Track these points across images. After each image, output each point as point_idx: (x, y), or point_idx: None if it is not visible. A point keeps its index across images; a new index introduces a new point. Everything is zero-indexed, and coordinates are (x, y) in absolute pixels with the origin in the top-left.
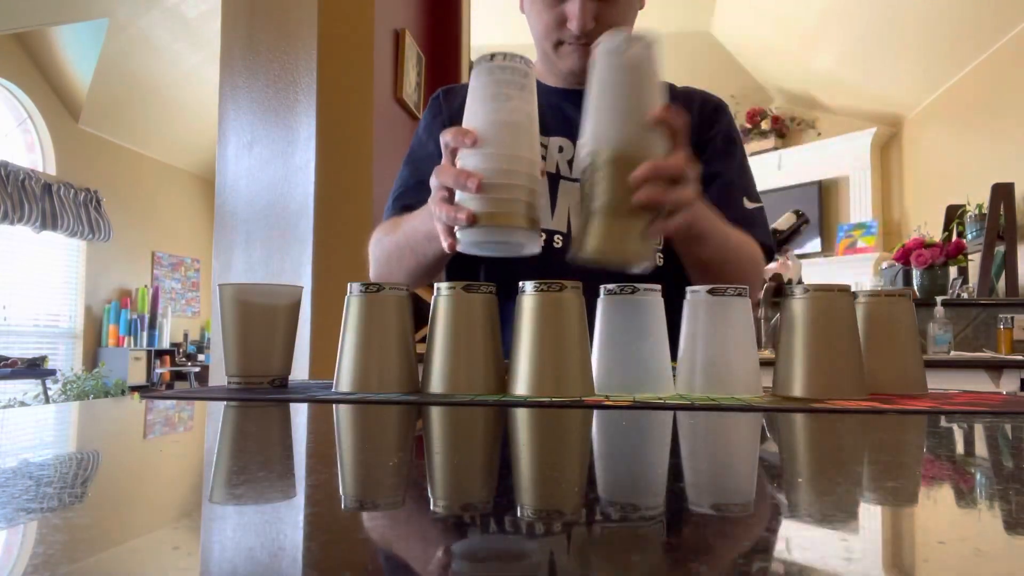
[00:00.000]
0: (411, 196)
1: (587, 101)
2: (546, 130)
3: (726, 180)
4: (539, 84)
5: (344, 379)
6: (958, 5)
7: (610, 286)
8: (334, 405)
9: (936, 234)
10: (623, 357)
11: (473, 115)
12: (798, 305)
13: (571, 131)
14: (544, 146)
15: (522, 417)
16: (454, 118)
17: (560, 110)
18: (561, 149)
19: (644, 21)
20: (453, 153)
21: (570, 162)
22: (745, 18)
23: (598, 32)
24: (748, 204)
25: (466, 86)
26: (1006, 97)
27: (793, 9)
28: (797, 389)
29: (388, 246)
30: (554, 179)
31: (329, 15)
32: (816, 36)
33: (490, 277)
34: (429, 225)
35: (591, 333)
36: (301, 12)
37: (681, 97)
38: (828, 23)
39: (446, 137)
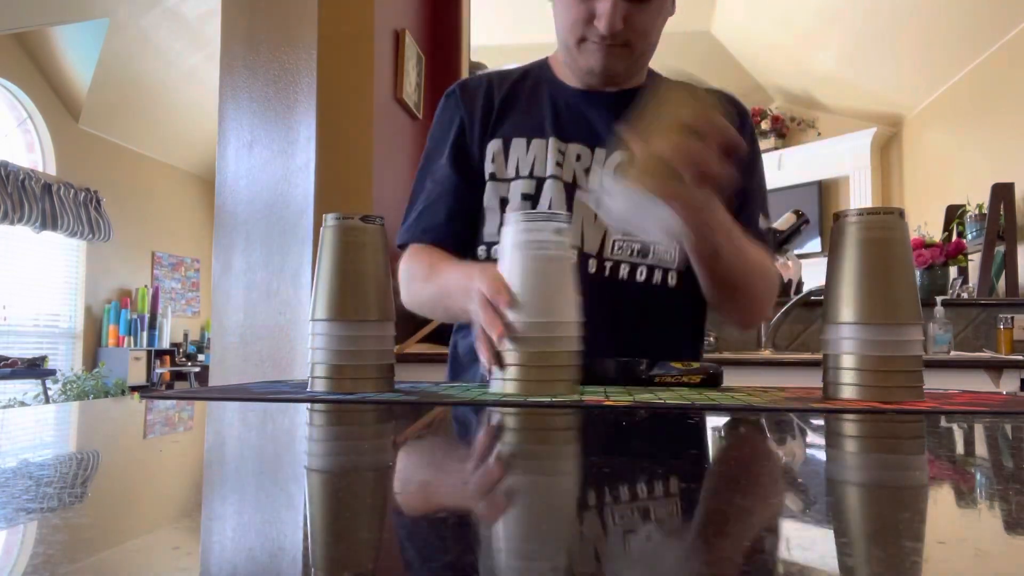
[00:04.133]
0: (435, 231)
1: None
2: (564, 135)
3: (749, 197)
4: (558, 83)
5: (320, 307)
6: (958, 5)
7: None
8: (333, 404)
9: (936, 234)
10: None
11: (515, 276)
12: (850, 230)
13: (590, 137)
14: (561, 152)
15: (517, 417)
16: (474, 122)
17: (580, 114)
18: (579, 157)
19: None
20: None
21: (587, 171)
22: (745, 18)
23: (626, 34)
24: (764, 222)
25: (483, 79)
26: (1006, 97)
27: (793, 9)
28: (847, 315)
29: (424, 294)
30: (570, 189)
31: (329, 15)
32: (816, 36)
33: None
34: (464, 302)
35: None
36: (301, 12)
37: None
38: (828, 23)
39: (483, 287)
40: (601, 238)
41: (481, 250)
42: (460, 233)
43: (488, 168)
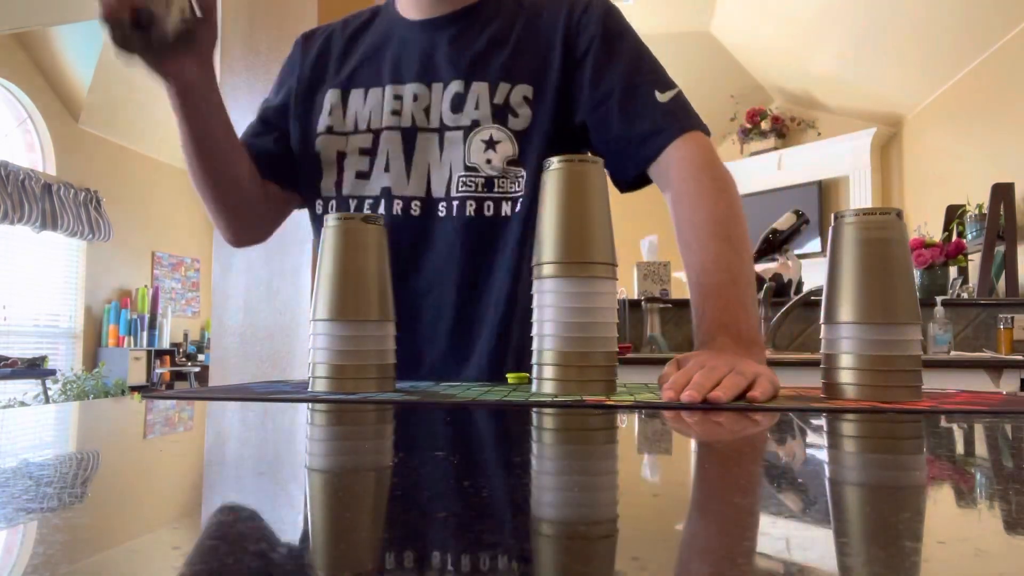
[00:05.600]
0: (255, 143)
1: None
2: (401, 76)
3: (625, 87)
4: (398, 19)
5: (321, 306)
6: (958, 5)
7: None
8: (334, 404)
9: (936, 234)
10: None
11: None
12: (848, 230)
13: (427, 73)
14: (398, 97)
15: (519, 417)
16: (309, 73)
17: (418, 49)
18: (416, 98)
19: (644, 22)
20: None
21: (427, 111)
22: (745, 18)
23: None
24: (661, 96)
25: (329, 28)
26: (1006, 97)
27: (793, 9)
28: (846, 315)
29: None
30: (410, 134)
31: (329, 15)
32: (816, 36)
33: None
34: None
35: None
36: (301, 12)
37: (548, 5)
38: (828, 23)
39: None
40: (447, 178)
41: (318, 204)
42: (279, 160)
43: (323, 121)
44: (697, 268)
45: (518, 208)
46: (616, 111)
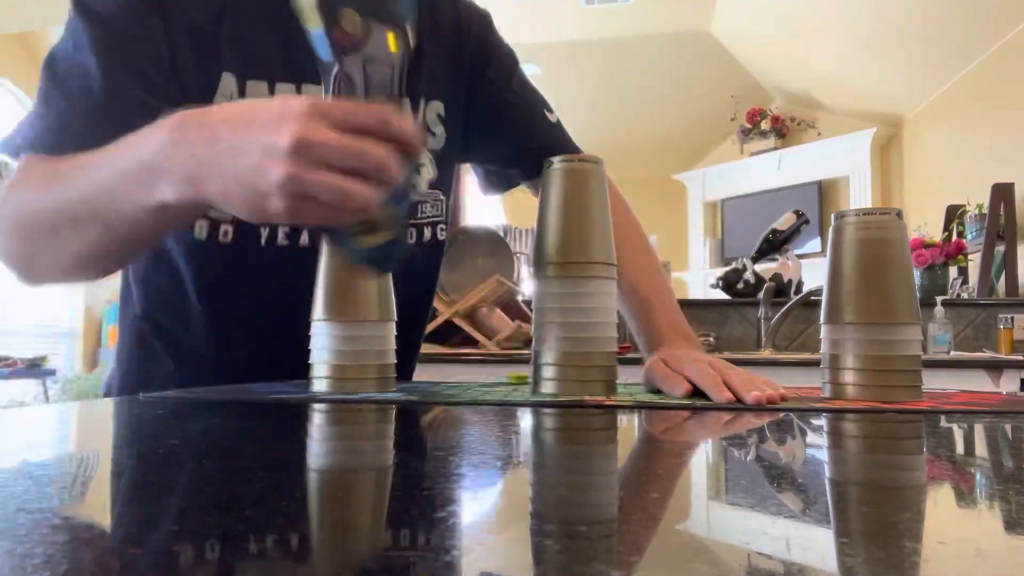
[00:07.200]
0: (82, 139)
1: None
2: (301, 71)
3: (523, 104)
4: None
5: (321, 307)
6: (958, 5)
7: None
8: (334, 404)
9: (936, 234)
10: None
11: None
12: (848, 230)
13: (304, 69)
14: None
15: (516, 419)
16: (188, 41)
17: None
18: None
19: (644, 22)
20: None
21: None
22: (745, 18)
23: None
24: (550, 117)
25: None
26: (1006, 97)
27: (793, 9)
28: (846, 315)
29: (46, 207)
30: None
31: None
32: (816, 36)
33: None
34: (150, 193)
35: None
36: None
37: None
38: (828, 23)
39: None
40: None
41: (200, 227)
42: None
43: None
44: (631, 277)
45: (441, 234)
46: (517, 124)
